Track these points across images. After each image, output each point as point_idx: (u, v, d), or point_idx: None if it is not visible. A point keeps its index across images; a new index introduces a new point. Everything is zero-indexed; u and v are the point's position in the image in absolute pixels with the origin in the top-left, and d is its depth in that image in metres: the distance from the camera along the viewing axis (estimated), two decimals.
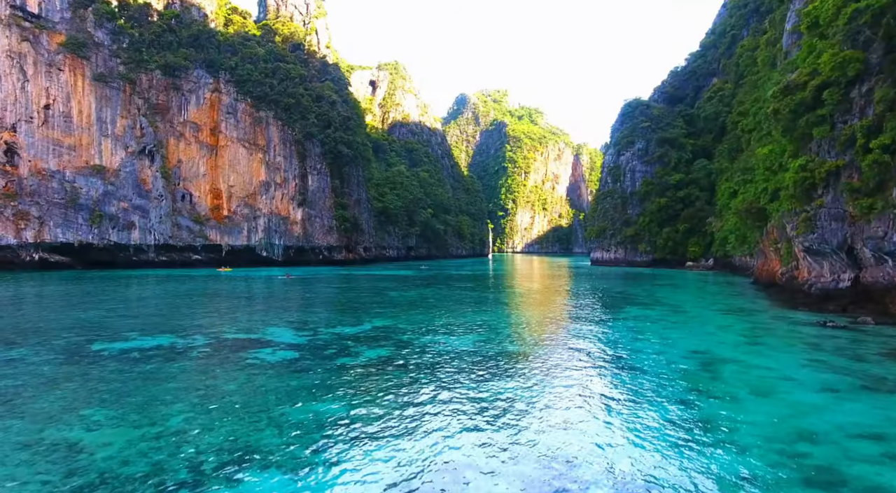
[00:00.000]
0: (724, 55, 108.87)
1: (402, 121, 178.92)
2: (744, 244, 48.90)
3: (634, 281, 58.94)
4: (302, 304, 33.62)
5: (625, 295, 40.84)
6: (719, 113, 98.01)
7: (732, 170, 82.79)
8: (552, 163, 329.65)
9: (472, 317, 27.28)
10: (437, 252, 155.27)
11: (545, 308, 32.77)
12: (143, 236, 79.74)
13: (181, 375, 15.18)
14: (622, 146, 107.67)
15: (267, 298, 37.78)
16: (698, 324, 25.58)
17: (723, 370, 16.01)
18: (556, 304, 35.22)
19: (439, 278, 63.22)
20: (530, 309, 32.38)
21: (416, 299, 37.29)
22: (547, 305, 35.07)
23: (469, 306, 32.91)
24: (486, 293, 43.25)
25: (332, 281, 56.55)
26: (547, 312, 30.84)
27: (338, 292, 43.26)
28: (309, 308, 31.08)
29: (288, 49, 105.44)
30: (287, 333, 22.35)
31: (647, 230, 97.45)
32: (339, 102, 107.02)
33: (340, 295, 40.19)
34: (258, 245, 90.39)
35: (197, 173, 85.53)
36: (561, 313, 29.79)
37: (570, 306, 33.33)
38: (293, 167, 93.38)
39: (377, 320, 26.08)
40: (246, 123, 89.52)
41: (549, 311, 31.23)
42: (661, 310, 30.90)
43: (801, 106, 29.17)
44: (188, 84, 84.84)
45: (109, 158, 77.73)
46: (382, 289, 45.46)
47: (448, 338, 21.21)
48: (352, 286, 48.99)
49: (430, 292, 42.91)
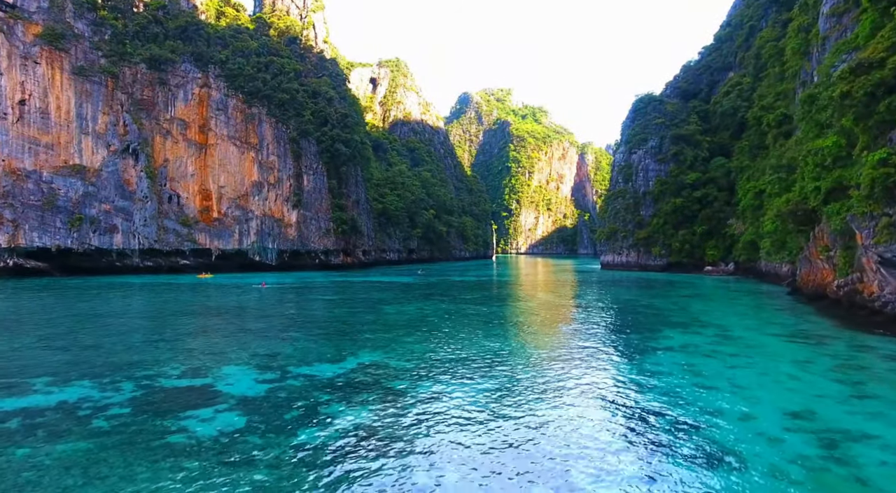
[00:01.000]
0: (740, 48, 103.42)
1: (403, 119, 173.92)
2: (781, 250, 43.68)
3: (655, 289, 53.74)
4: (278, 325, 28.58)
5: (654, 311, 35.66)
6: (737, 108, 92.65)
7: (754, 168, 77.73)
8: (556, 162, 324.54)
9: (480, 348, 22.19)
10: (439, 255, 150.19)
11: (566, 332, 27.63)
12: (127, 240, 74.88)
13: (51, 469, 10.12)
14: (634, 144, 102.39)
15: (239, 315, 32.74)
16: (767, 359, 20.40)
17: (863, 461, 10.85)
18: (578, 324, 30.08)
19: (441, 286, 58.14)
20: (548, 334, 27.24)
21: (415, 317, 32.21)
22: (566, 325, 29.94)
23: (475, 328, 27.81)
24: (493, 308, 38.15)
25: (322, 291, 51.52)
26: (569, 338, 25.71)
27: (325, 306, 38.19)
28: (284, 332, 26.04)
29: (283, 43, 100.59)
30: (244, 376, 17.29)
31: (661, 232, 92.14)
32: (337, 99, 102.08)
33: (327, 311, 35.12)
34: (250, 249, 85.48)
35: (185, 173, 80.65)
36: (588, 341, 24.68)
37: (596, 329, 28.21)
38: (287, 167, 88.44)
39: (364, 353, 21.01)
40: (237, 119, 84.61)
41: (571, 337, 26.10)
42: (706, 334, 25.75)
43: (881, 87, 23.96)
44: (175, 79, 79.97)
45: (90, 158, 72.93)
46: (377, 302, 40.41)
47: (451, 387, 16.13)
48: (343, 298, 43.94)
49: (431, 307, 37.82)
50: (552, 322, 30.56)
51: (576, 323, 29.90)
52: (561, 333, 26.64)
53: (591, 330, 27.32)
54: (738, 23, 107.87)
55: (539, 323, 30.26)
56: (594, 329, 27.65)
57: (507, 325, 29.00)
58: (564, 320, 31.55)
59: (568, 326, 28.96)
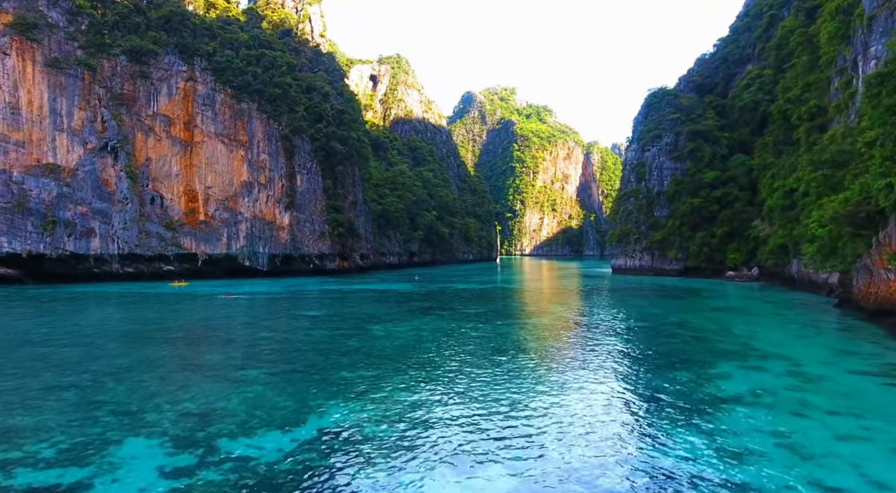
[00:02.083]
0: (760, 39, 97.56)
1: (404, 117, 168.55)
2: (832, 257, 38.05)
3: (680, 300, 48.15)
4: (236, 357, 23.22)
5: (691, 331, 30.13)
6: (759, 102, 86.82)
7: (780, 165, 72.09)
8: (561, 162, 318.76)
9: (483, 399, 16.77)
10: (442, 257, 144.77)
11: (595, 370, 22.11)
12: (105, 245, 69.76)
13: None
14: (647, 141, 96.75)
15: (195, 341, 27.33)
16: (881, 419, 14.85)
17: None
18: (607, 356, 24.59)
19: (441, 297, 52.67)
20: (572, 374, 21.73)
21: (407, 342, 26.81)
22: (592, 357, 24.44)
23: (478, 360, 22.41)
24: (499, 327, 32.70)
25: (308, 303, 46.14)
26: (603, 381, 20.22)
27: (303, 326, 32.78)
28: (239, 369, 20.68)
29: (276, 36, 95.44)
30: (145, 462, 11.88)
31: (677, 235, 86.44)
32: (334, 95, 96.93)
33: (303, 334, 29.72)
34: (240, 253, 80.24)
35: (168, 173, 75.49)
36: (628, 384, 19.25)
37: (632, 363, 22.79)
38: (279, 166, 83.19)
39: (333, 409, 15.61)
40: (225, 116, 79.41)
41: (604, 378, 20.61)
42: (774, 372, 20.24)
43: None
44: (158, 72, 74.83)
45: (65, 156, 67.84)
46: (366, 319, 35.01)
47: (445, 481, 10.69)
48: (328, 314, 38.55)
49: (428, 326, 32.39)
50: (573, 353, 25.07)
51: (604, 354, 24.41)
52: (588, 371, 21.16)
53: (625, 366, 21.84)
54: (757, 12, 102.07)
55: (557, 354, 24.76)
56: (629, 364, 22.17)
57: (517, 357, 23.53)
58: (588, 348, 26.05)
59: (595, 358, 23.48)
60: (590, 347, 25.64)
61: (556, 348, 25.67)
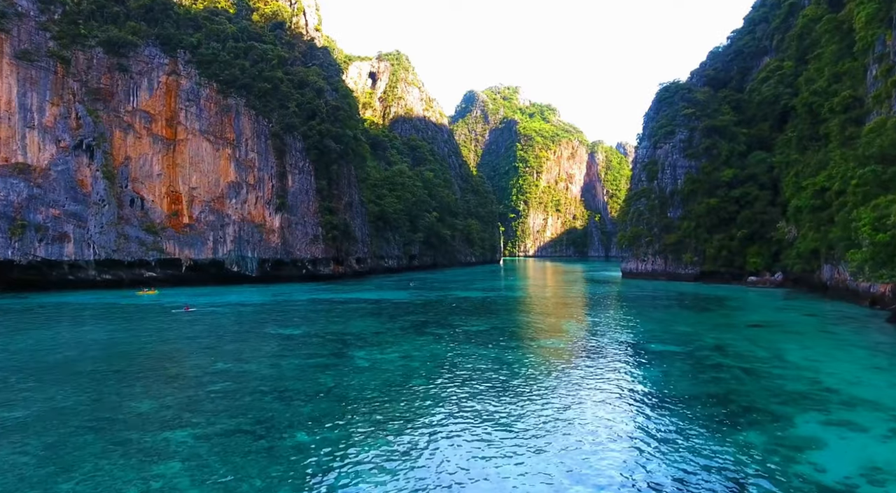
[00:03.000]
0: (778, 30, 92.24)
1: (404, 116, 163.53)
2: (888, 265, 32.87)
3: (706, 312, 42.95)
4: (169, 406, 18.23)
5: (738, 360, 25.03)
6: (779, 95, 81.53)
7: (805, 162, 66.88)
8: (566, 162, 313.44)
9: (487, 473, 11.71)
10: (443, 260, 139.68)
11: (635, 426, 17.07)
12: (80, 251, 64.99)
13: None
14: (659, 137, 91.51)
15: (120, 378, 22.20)
16: None
17: None
18: (646, 404, 19.56)
19: (439, 308, 47.58)
20: (603, 427, 16.69)
21: (392, 380, 21.79)
22: (629, 404, 19.39)
23: (480, 408, 17.40)
24: (505, 352, 27.67)
25: (287, 318, 41.09)
26: (649, 447, 15.17)
27: (270, 353, 27.73)
28: (158, 432, 15.67)
29: (267, 28, 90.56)
30: None
31: (693, 237, 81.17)
32: (328, 90, 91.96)
33: (268, 365, 24.68)
34: (227, 258, 75.36)
35: (150, 173, 70.67)
36: (684, 458, 14.23)
37: (680, 417, 17.76)
38: (269, 165, 78.30)
39: None
40: (211, 112, 74.57)
41: (650, 440, 15.57)
42: (874, 432, 15.15)
43: None
44: (138, 65, 70.04)
45: (36, 155, 63.13)
46: (348, 342, 29.99)
47: None
48: (305, 334, 33.50)
49: (421, 352, 27.36)
50: (600, 397, 19.96)
51: (643, 402, 19.34)
52: (621, 423, 16.09)
53: (675, 422, 16.73)
54: (775, 2, 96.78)
55: (579, 404, 19.64)
56: (679, 420, 17.05)
57: (527, 410, 18.45)
58: (621, 390, 20.97)
59: (634, 410, 18.40)
60: (623, 389, 20.52)
61: (577, 391, 20.57)
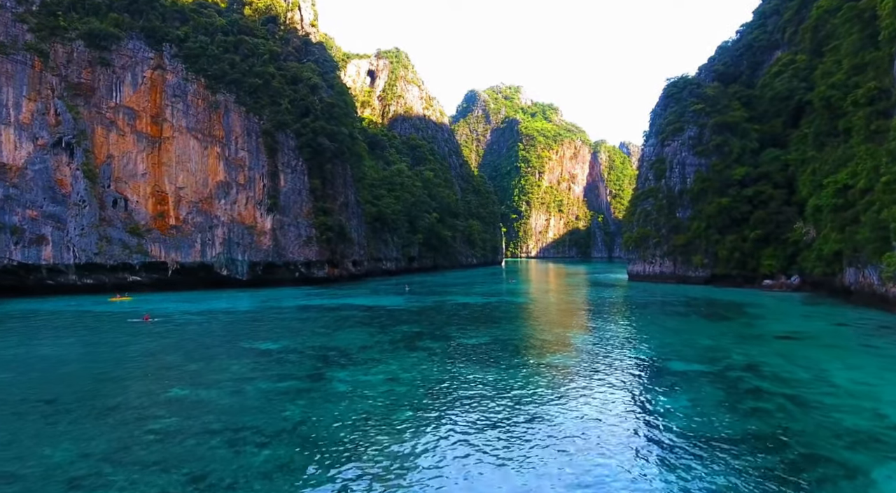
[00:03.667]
0: (790, 22, 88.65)
1: (404, 114, 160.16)
2: None
3: (727, 321, 39.36)
4: (82, 456, 14.81)
5: (777, 384, 21.54)
6: (793, 90, 77.92)
7: (823, 159, 63.39)
8: (568, 162, 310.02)
9: None
10: (444, 262, 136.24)
11: (678, 481, 13.58)
12: (59, 254, 61.72)
13: None
14: (667, 134, 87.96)
15: (47, 410, 18.63)
16: None
17: None
18: (678, 450, 16.11)
19: (436, 317, 44.10)
20: (634, 478, 13.22)
21: (373, 411, 18.36)
22: (656, 452, 15.94)
23: (478, 454, 13.90)
24: (507, 375, 24.22)
25: (266, 327, 37.62)
26: None
27: (231, 377, 24.22)
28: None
29: (259, 23, 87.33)
30: None
31: (703, 238, 77.57)
32: (323, 87, 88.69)
33: (221, 396, 21.21)
34: (216, 262, 72.03)
35: (134, 172, 67.40)
36: None
37: (725, 466, 14.25)
38: (260, 164, 74.99)
39: None
40: (198, 108, 71.28)
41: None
42: None
43: None
44: (121, 59, 66.80)
45: (12, 153, 59.91)
46: (329, 359, 26.54)
47: None
48: (282, 349, 30.04)
49: (410, 373, 23.92)
50: (617, 436, 16.48)
51: (667, 436, 15.87)
52: (654, 479, 12.61)
53: (713, 476, 13.22)
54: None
55: (593, 439, 16.15)
56: (716, 469, 13.54)
57: (531, 445, 14.98)
58: (639, 421, 17.49)
59: (658, 451, 14.92)
60: (650, 426, 17.02)
61: (593, 431, 17.08)
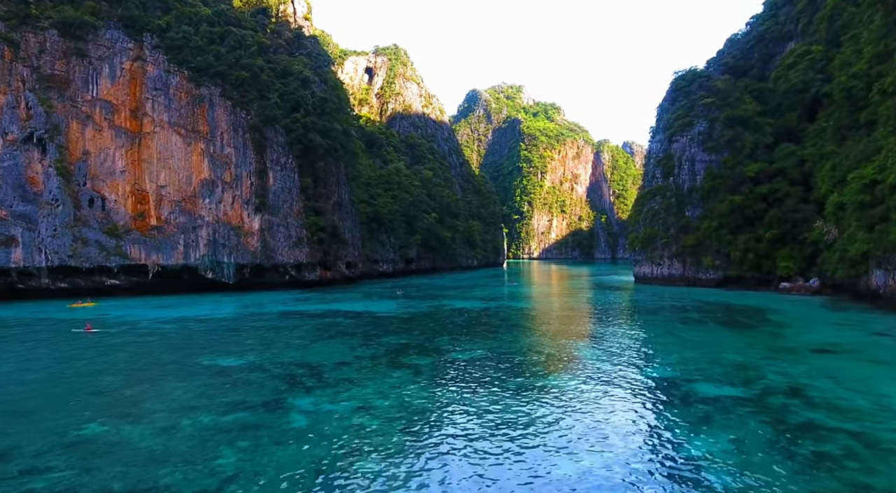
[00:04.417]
0: (804, 12, 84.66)
1: (402, 112, 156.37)
2: None
3: (751, 330, 35.31)
4: None
5: (831, 415, 17.66)
6: (809, 82, 73.85)
7: (843, 154, 59.46)
8: (570, 162, 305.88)
9: None
10: (443, 264, 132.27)
11: None
12: (30, 256, 58.02)
13: None
14: (675, 130, 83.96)
15: None
16: None
17: None
18: None
19: (428, 325, 40.14)
20: None
21: (335, 458, 14.49)
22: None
23: None
24: (506, 400, 20.31)
25: (237, 338, 33.70)
26: None
27: (175, 406, 20.34)
28: None
29: (248, 14, 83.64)
30: None
31: (714, 238, 73.49)
32: (316, 82, 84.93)
33: (152, 433, 17.35)
34: (200, 264, 68.24)
35: (111, 170, 63.69)
36: None
37: None
38: (247, 161, 71.22)
39: None
40: (181, 102, 67.55)
41: None
42: None
43: None
44: (98, 49, 63.14)
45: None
46: (296, 379, 22.62)
47: None
48: (247, 364, 26.14)
49: (389, 398, 20.05)
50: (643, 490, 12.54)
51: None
52: None
53: None
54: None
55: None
56: None
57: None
58: (667, 470, 13.56)
59: None
60: (684, 482, 13.06)
61: (609, 474, 13.15)
